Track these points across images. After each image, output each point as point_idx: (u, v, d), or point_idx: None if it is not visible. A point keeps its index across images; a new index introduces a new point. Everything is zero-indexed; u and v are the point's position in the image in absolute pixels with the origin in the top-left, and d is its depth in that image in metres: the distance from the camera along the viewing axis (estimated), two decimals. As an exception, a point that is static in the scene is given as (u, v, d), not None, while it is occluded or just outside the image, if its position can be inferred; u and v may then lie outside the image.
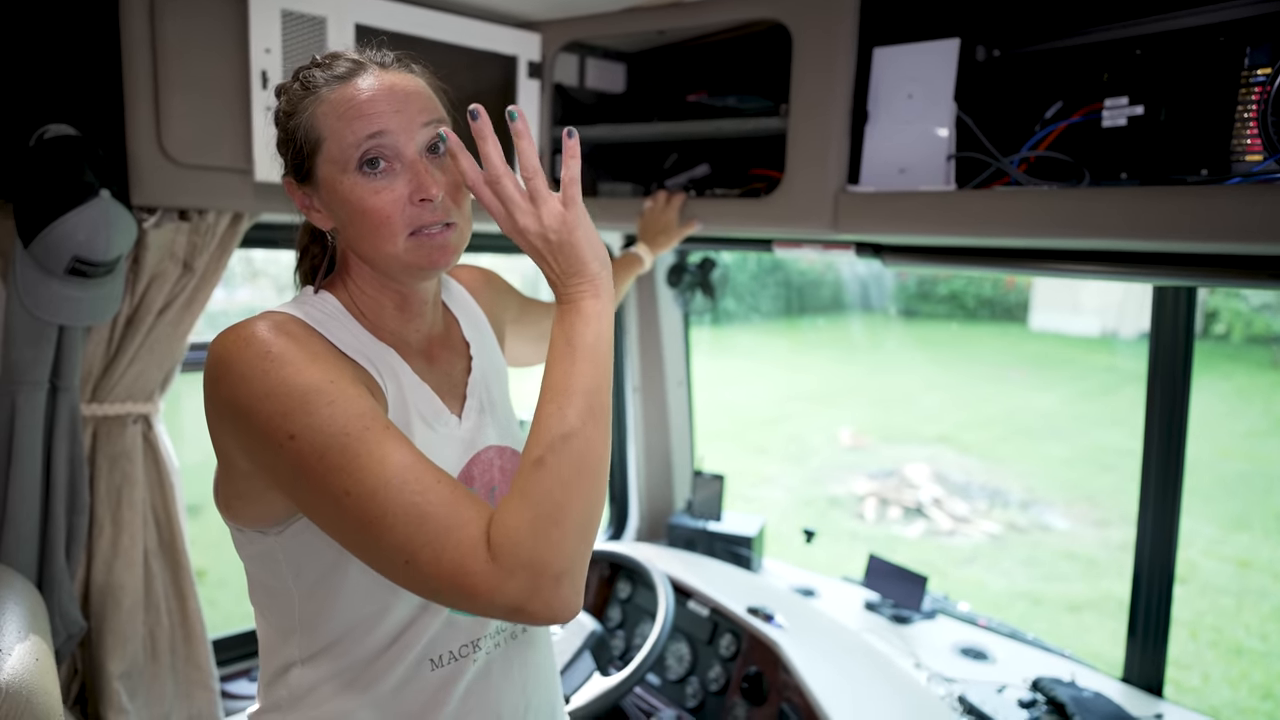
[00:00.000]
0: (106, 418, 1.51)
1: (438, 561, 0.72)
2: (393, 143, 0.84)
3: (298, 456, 0.75)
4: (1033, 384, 10.21)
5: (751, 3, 1.53)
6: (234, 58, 1.47)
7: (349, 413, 0.76)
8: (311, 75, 0.88)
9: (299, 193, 0.92)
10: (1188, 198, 1.08)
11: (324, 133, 0.85)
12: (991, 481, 7.21)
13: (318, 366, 0.78)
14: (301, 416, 0.75)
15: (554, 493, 0.74)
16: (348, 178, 0.85)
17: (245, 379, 0.77)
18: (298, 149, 0.88)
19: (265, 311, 0.87)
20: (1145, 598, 1.71)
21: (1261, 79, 1.10)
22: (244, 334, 0.80)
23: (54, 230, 1.26)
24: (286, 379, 0.76)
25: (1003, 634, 1.95)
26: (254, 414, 0.76)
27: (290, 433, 0.75)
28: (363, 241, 0.87)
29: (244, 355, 0.78)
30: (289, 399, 0.75)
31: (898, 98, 1.43)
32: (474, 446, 0.98)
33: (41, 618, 1.13)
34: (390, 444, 0.75)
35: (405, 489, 0.73)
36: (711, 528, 2.32)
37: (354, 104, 0.84)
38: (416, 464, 0.75)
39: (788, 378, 10.93)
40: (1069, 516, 6.54)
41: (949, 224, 1.32)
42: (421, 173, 0.85)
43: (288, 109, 0.89)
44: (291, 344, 0.79)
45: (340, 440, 0.74)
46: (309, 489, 0.76)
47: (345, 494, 0.74)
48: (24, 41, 1.31)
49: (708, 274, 2.26)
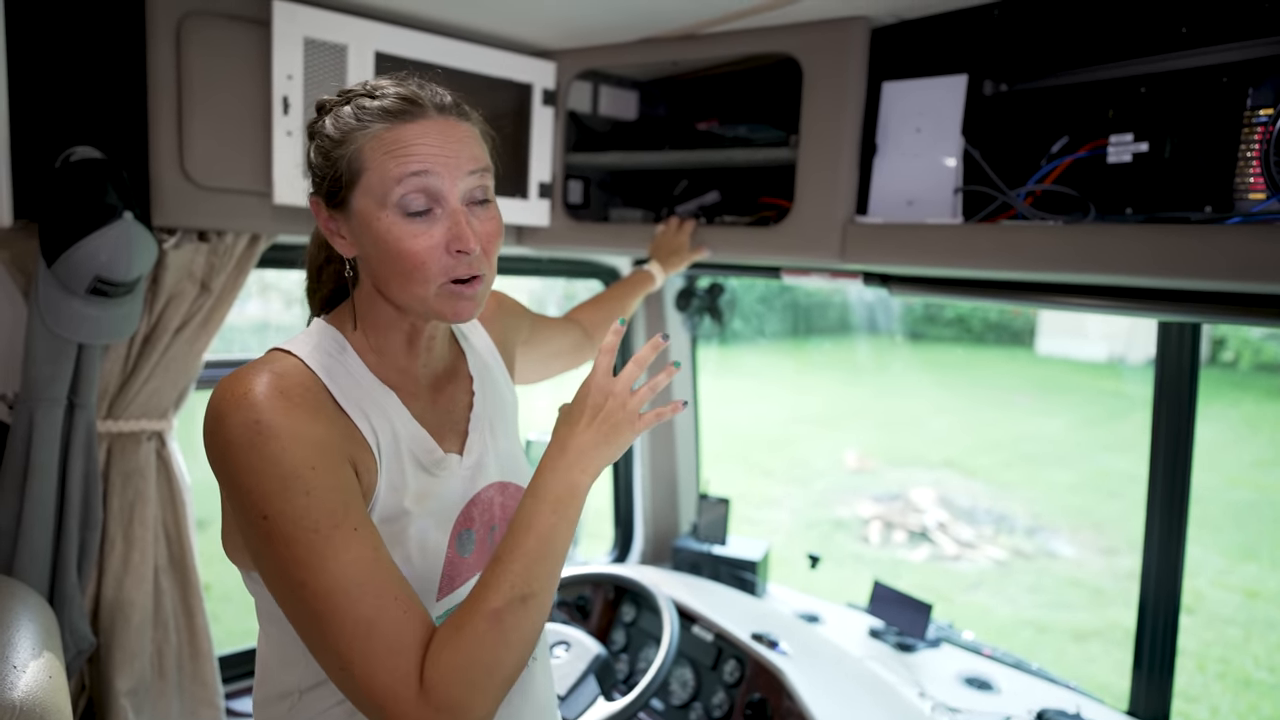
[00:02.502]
0: (121, 434, 1.53)
1: (370, 678, 0.74)
2: (437, 186, 0.84)
3: (267, 536, 0.76)
4: (1039, 409, 10.18)
5: (763, 37, 1.56)
6: (255, 83, 1.50)
7: (323, 507, 0.76)
8: (366, 105, 0.86)
9: (325, 216, 0.91)
10: (1191, 236, 1.09)
11: (368, 165, 0.85)
12: (997, 506, 7.17)
13: (303, 446, 0.78)
14: (277, 501, 0.76)
15: (499, 650, 0.77)
16: (386, 215, 0.84)
17: (232, 445, 0.77)
18: (336, 175, 0.87)
19: (270, 359, 0.86)
20: (1151, 628, 1.71)
21: (1264, 119, 1.11)
22: (239, 392, 0.79)
23: (77, 250, 1.28)
24: (269, 457, 0.76)
25: (1008, 664, 1.94)
26: (235, 482, 0.78)
27: (264, 513, 0.76)
28: (392, 281, 0.87)
29: (235, 419, 0.78)
30: (268, 479, 0.76)
31: (906, 131, 1.46)
32: (475, 485, 0.98)
33: (54, 634, 1.14)
34: (356, 548, 0.76)
35: (360, 600, 0.75)
36: (716, 551, 2.32)
37: (404, 143, 0.84)
38: (376, 575, 0.77)
39: (793, 399, 10.93)
40: (1075, 543, 6.50)
41: (956, 256, 1.33)
42: (461, 222, 0.85)
43: (335, 134, 0.87)
44: (282, 414, 0.78)
45: (308, 535, 0.75)
46: (271, 568, 0.78)
47: (301, 585, 0.75)
48: (52, 66, 1.35)
49: (716, 299, 2.28)
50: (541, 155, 1.84)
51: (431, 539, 0.91)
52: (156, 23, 1.41)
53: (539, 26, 1.67)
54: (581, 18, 1.59)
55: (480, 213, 0.88)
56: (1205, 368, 2.25)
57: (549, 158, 1.85)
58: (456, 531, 0.94)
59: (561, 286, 6.24)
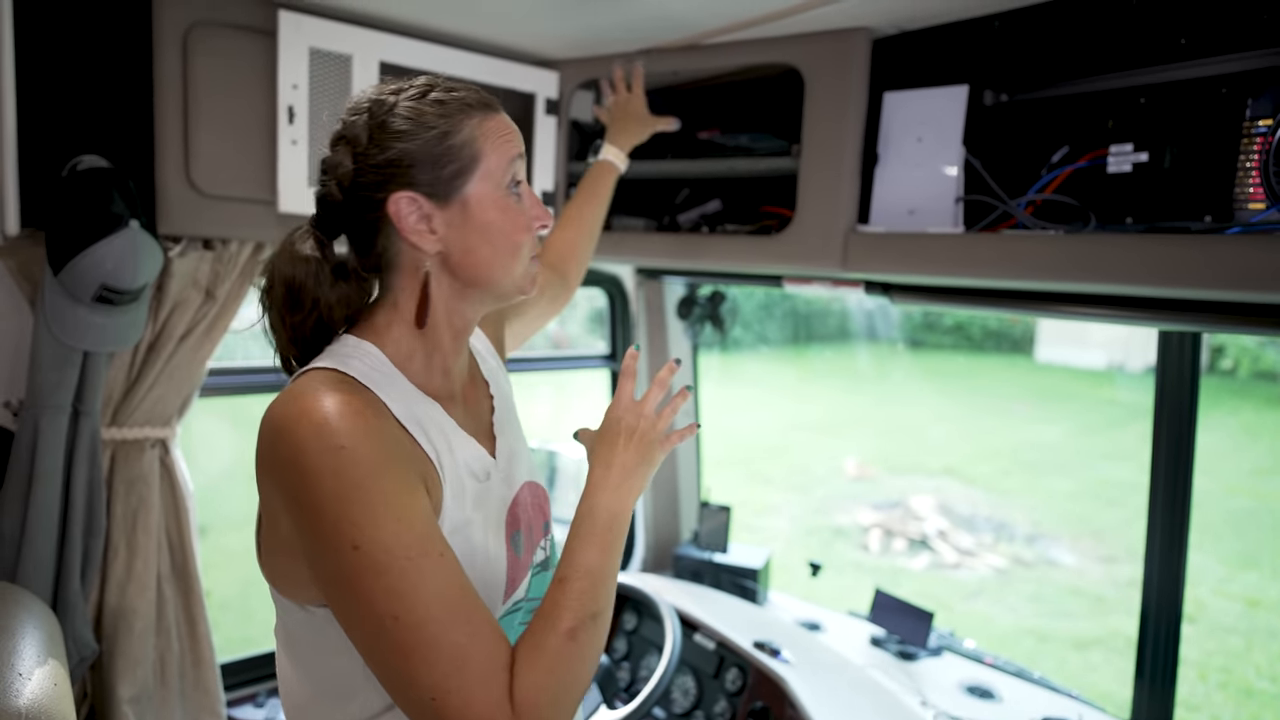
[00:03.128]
0: (125, 441, 1.53)
1: (465, 707, 0.72)
2: (521, 169, 0.92)
3: (356, 569, 0.73)
4: (1039, 417, 10.19)
5: (765, 47, 1.58)
6: (260, 93, 1.51)
7: (414, 532, 0.75)
8: (461, 97, 0.89)
9: (420, 211, 0.87)
10: (1191, 246, 1.10)
11: (484, 149, 0.88)
12: (997, 514, 7.17)
13: (389, 470, 0.77)
14: (369, 529, 0.73)
15: (577, 666, 0.79)
16: (501, 196, 0.89)
17: (316, 474, 0.74)
18: (451, 163, 0.86)
19: (322, 378, 0.82)
20: (1153, 637, 1.71)
21: (1263, 130, 1.12)
22: (315, 417, 0.76)
23: (84, 259, 1.29)
24: (359, 483, 0.74)
25: (1009, 672, 1.94)
26: (320, 512, 0.74)
27: (355, 543, 0.73)
28: (494, 262, 0.90)
29: (315, 445, 0.75)
30: (359, 507, 0.74)
31: (907, 141, 1.47)
32: (512, 487, 0.99)
33: (58, 641, 1.14)
34: (444, 573, 0.76)
35: (453, 628, 0.74)
36: (718, 559, 2.32)
37: (505, 129, 0.91)
38: (465, 598, 0.76)
39: (793, 407, 10.93)
40: (1075, 551, 6.49)
41: (957, 265, 1.34)
42: (538, 201, 0.93)
43: (438, 123, 0.86)
44: (361, 434, 0.76)
45: (401, 563, 0.73)
46: (355, 603, 0.75)
47: (394, 619, 0.73)
48: (60, 75, 1.36)
49: (717, 307, 2.29)
50: (544, 164, 1.85)
51: (493, 544, 0.92)
52: (163, 33, 1.42)
53: (542, 37, 1.68)
54: (584, 28, 1.60)
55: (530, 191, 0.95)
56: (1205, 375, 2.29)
57: (551, 167, 1.86)
58: (510, 533, 0.95)
59: (562, 294, 6.21)
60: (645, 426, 0.90)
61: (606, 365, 2.53)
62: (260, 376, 1.92)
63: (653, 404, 0.92)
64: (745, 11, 1.45)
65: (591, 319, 4.58)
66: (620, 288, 2.43)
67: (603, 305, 2.52)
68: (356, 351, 0.89)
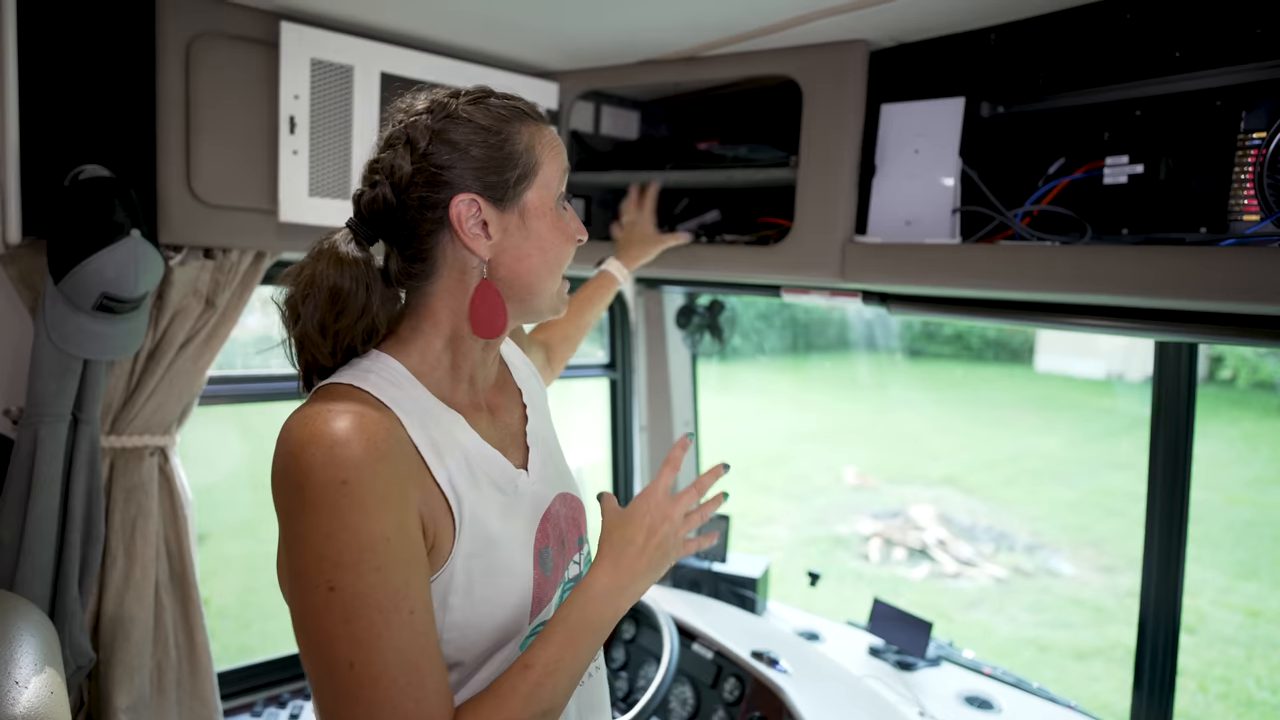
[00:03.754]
0: (124, 450, 1.53)
1: None
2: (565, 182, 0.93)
3: (325, 608, 0.73)
4: (1038, 426, 10.18)
5: (764, 59, 1.59)
6: (262, 103, 1.52)
7: (389, 585, 0.74)
8: (519, 106, 0.90)
9: (480, 213, 0.86)
10: (1186, 257, 1.11)
11: (542, 159, 0.89)
12: (997, 524, 7.16)
13: (385, 513, 0.75)
14: (350, 573, 0.73)
15: None
16: (553, 207, 0.90)
17: (313, 504, 0.74)
18: (516, 168, 0.87)
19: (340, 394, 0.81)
20: (1151, 647, 1.70)
21: (1257, 142, 1.13)
22: (325, 443, 0.74)
23: (85, 267, 1.29)
24: (350, 526, 0.73)
25: (1008, 683, 1.94)
26: (306, 543, 0.74)
27: (331, 584, 0.73)
28: (537, 273, 0.91)
29: (320, 475, 0.74)
30: (346, 549, 0.73)
31: (904, 152, 1.48)
32: (544, 501, 0.96)
33: (55, 649, 1.14)
34: (410, 632, 0.75)
35: (407, 690, 0.73)
36: (716, 568, 2.32)
37: (557, 139, 0.92)
38: (423, 661, 0.75)
39: (793, 416, 10.93)
40: (1075, 561, 6.48)
41: (954, 276, 1.35)
42: (577, 216, 0.94)
43: (500, 128, 0.87)
44: (369, 472, 0.75)
45: (371, 614, 0.73)
46: (318, 641, 0.74)
47: (350, 666, 0.72)
48: (63, 85, 1.37)
49: (716, 316, 2.29)
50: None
51: (519, 562, 0.89)
52: (166, 44, 1.43)
53: (542, 49, 1.70)
54: (584, 40, 1.62)
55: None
56: (1203, 385, 2.26)
57: (551, 176, 1.87)
58: (538, 550, 0.93)
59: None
60: (669, 531, 0.89)
61: (606, 374, 2.54)
62: (259, 385, 1.93)
63: (684, 508, 0.91)
64: (744, 24, 1.46)
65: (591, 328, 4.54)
66: (620, 297, 2.44)
67: (602, 314, 2.52)
68: (375, 365, 0.87)
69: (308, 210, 1.56)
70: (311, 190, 1.56)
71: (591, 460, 2.84)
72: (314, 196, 1.56)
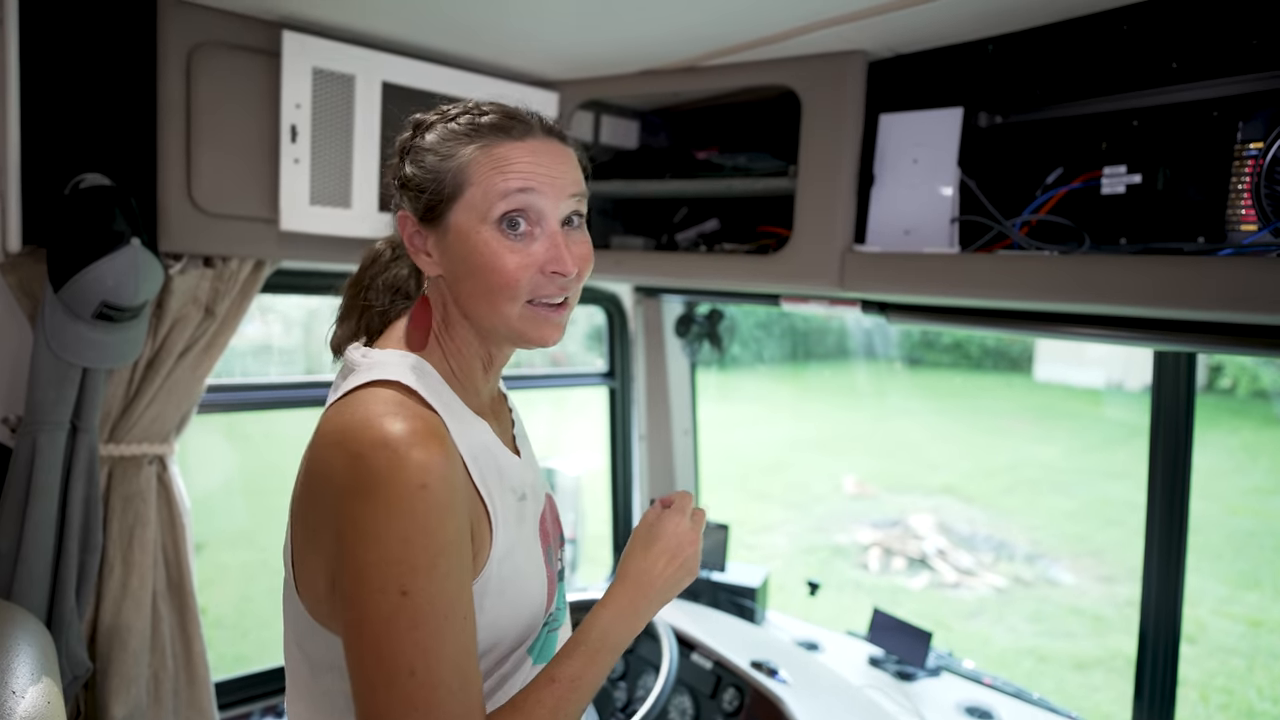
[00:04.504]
0: (123, 458, 1.53)
1: None
2: (540, 205, 0.83)
3: (394, 613, 0.71)
4: (1037, 435, 10.17)
5: (763, 70, 1.59)
6: (263, 112, 1.53)
7: (454, 591, 0.74)
8: (474, 121, 0.85)
9: (413, 231, 0.88)
10: (1184, 266, 1.11)
11: (473, 179, 0.83)
12: (997, 533, 7.14)
13: (454, 516, 0.75)
14: (423, 578, 0.72)
15: None
16: (485, 229, 0.82)
17: (388, 508, 0.71)
18: (438, 189, 0.84)
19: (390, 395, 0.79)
20: (1152, 658, 1.70)
21: (1254, 152, 1.14)
22: (395, 447, 0.73)
23: (84, 276, 1.30)
24: (429, 528, 0.72)
25: (1008, 693, 1.93)
26: (378, 546, 0.72)
27: (405, 589, 0.71)
28: (478, 298, 0.84)
29: (397, 478, 0.72)
30: (423, 553, 0.72)
31: (903, 162, 1.48)
32: (540, 501, 0.98)
33: (52, 659, 1.13)
34: (465, 638, 0.75)
35: (460, 697, 0.73)
36: (715, 578, 2.31)
37: (511, 159, 0.82)
38: (471, 668, 0.76)
39: (792, 424, 10.92)
40: (1075, 571, 6.46)
41: (952, 285, 1.35)
42: (560, 244, 0.84)
43: (439, 148, 0.85)
44: (440, 474, 0.74)
45: (439, 621, 0.72)
46: (379, 647, 0.72)
47: (411, 674, 0.71)
48: (64, 94, 1.37)
49: (715, 325, 2.29)
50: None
51: (535, 561, 0.92)
52: (167, 53, 1.44)
53: (542, 59, 1.70)
54: (583, 50, 1.62)
55: (576, 236, 0.87)
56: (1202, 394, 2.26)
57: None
58: (544, 550, 0.95)
59: (561, 311, 6.24)
60: (691, 555, 0.94)
61: (605, 383, 2.54)
62: (258, 393, 1.93)
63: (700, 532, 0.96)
64: (743, 35, 1.47)
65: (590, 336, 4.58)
66: (619, 306, 2.44)
67: (601, 323, 2.53)
68: (408, 363, 0.86)
69: (308, 218, 1.56)
70: (312, 199, 1.56)
71: (590, 469, 2.83)
72: (315, 205, 1.57)
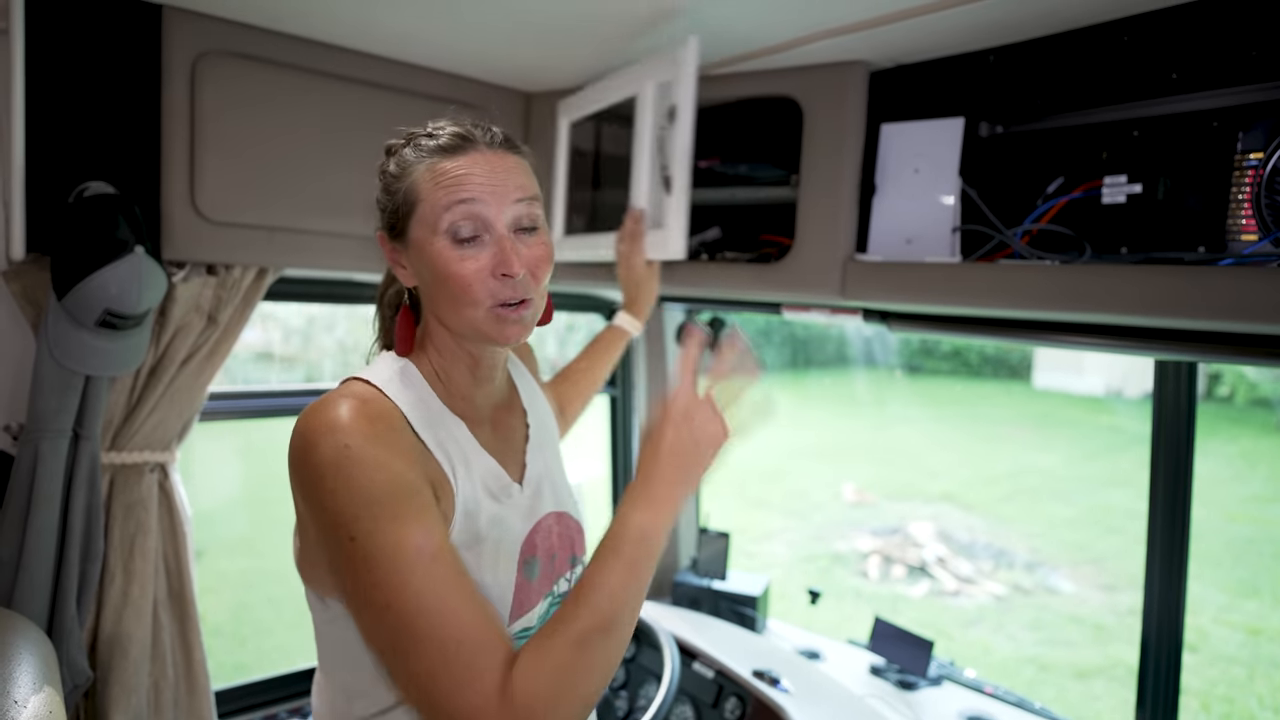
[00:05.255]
0: (124, 466, 1.53)
1: (452, 698, 0.75)
2: (483, 213, 0.89)
3: (352, 558, 0.78)
4: (1037, 443, 10.18)
5: (765, 80, 1.60)
6: (266, 121, 1.53)
7: (406, 531, 0.78)
8: (422, 143, 0.93)
9: (389, 248, 0.97)
10: (1185, 276, 1.11)
11: (422, 196, 0.90)
12: (996, 541, 7.14)
13: (388, 471, 0.81)
14: (365, 523, 0.78)
15: (583, 677, 0.79)
16: (437, 241, 0.89)
17: (321, 469, 0.80)
18: (396, 207, 0.93)
19: (352, 384, 0.89)
20: (1154, 666, 1.70)
21: (1254, 163, 1.14)
22: (329, 419, 0.82)
23: (88, 284, 1.30)
24: (357, 481, 0.79)
25: (1010, 702, 1.92)
26: (324, 506, 0.80)
27: (351, 534, 0.78)
28: (443, 304, 0.92)
29: (325, 444, 0.80)
30: (355, 503, 0.79)
31: (904, 171, 1.49)
32: (535, 515, 1.01)
33: (53, 668, 1.13)
34: (439, 570, 0.78)
35: (444, 623, 0.76)
36: (716, 586, 2.31)
37: (453, 174, 0.90)
38: (459, 596, 0.78)
39: (791, 431, 10.91)
40: (1075, 579, 6.46)
41: (954, 295, 1.35)
42: (507, 248, 0.89)
43: (395, 170, 0.93)
44: (370, 439, 0.81)
45: (391, 558, 0.77)
46: (355, 590, 0.79)
47: (386, 608, 0.77)
48: (69, 103, 1.38)
49: (717, 333, 2.29)
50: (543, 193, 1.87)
51: (502, 565, 0.94)
52: (172, 62, 1.44)
53: (545, 70, 1.71)
54: (585, 61, 1.63)
55: (528, 239, 0.93)
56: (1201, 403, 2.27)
57: (562, 190, 1.88)
58: (523, 558, 0.97)
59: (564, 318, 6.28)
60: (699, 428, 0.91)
61: (606, 390, 2.54)
62: (261, 401, 1.93)
63: (713, 399, 0.94)
64: (745, 45, 1.47)
65: (590, 344, 4.53)
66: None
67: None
68: (391, 366, 0.95)
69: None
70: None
71: (591, 476, 2.83)
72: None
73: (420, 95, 1.72)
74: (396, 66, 1.68)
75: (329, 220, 1.63)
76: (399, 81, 1.69)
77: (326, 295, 1.93)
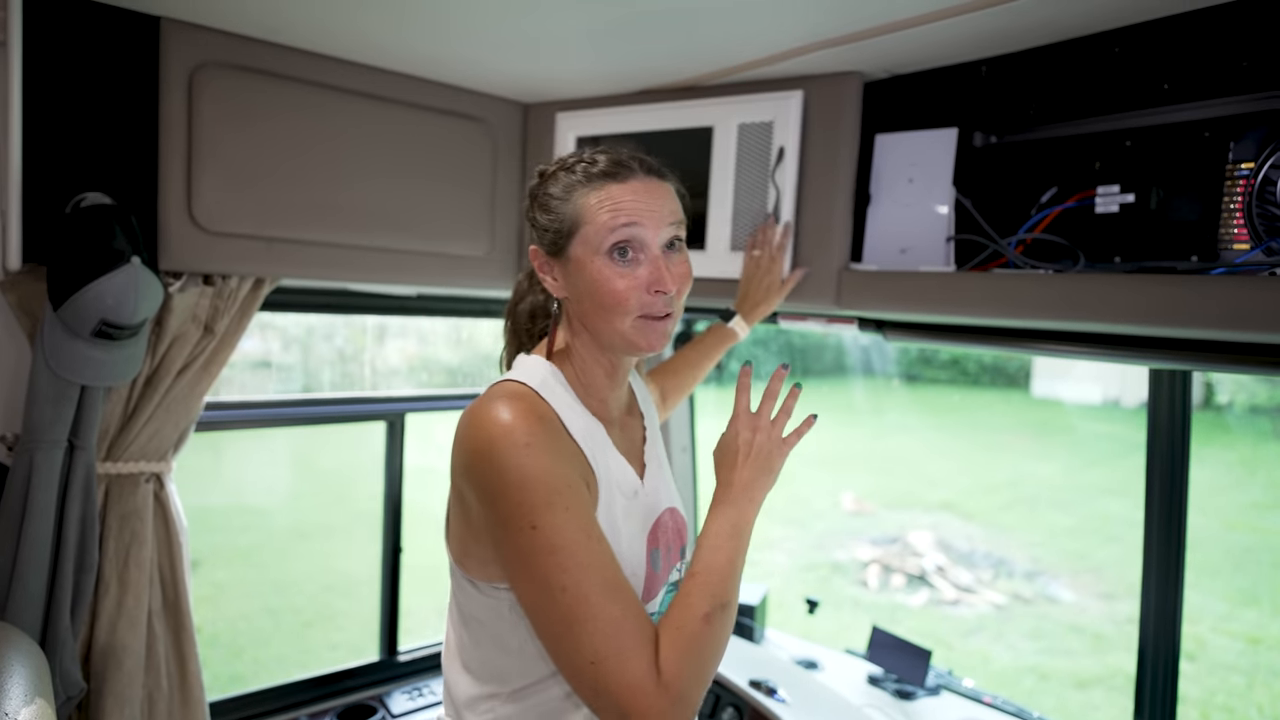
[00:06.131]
0: (119, 476, 1.53)
1: (620, 672, 0.85)
2: (641, 236, 0.99)
3: (532, 545, 0.88)
4: (1036, 451, 10.17)
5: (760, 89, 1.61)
6: (263, 132, 1.54)
7: (582, 519, 0.90)
8: (587, 169, 1.01)
9: (543, 262, 1.05)
10: (1178, 285, 1.12)
11: (585, 218, 0.99)
12: (996, 550, 7.12)
13: (561, 466, 0.91)
14: (545, 512, 0.88)
15: (713, 647, 0.91)
16: (598, 259, 0.99)
17: (504, 467, 0.89)
18: (559, 228, 1.01)
19: (511, 389, 0.98)
20: (1151, 675, 1.69)
21: (1245, 172, 1.15)
22: (504, 420, 0.92)
23: (85, 294, 1.30)
24: (538, 475, 0.89)
25: (1009, 712, 1.92)
26: (506, 498, 0.89)
27: (533, 523, 0.88)
28: (596, 315, 1.01)
29: (504, 442, 0.90)
30: (538, 493, 0.89)
31: (899, 181, 1.49)
32: (656, 510, 1.11)
33: (46, 680, 1.13)
34: (603, 555, 0.90)
35: (613, 602, 0.87)
36: (714, 595, 2.30)
37: (616, 199, 0.99)
38: (619, 579, 0.89)
39: (790, 440, 10.88)
40: (1074, 588, 6.44)
41: (948, 304, 1.36)
42: (661, 267, 0.99)
43: (559, 194, 1.02)
44: (543, 438, 0.92)
45: (572, 544, 0.88)
46: (530, 575, 0.89)
47: (562, 590, 0.86)
48: (66, 114, 1.38)
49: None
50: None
51: (635, 553, 1.04)
52: (169, 73, 1.45)
53: (545, 81, 1.72)
54: (583, 71, 1.64)
55: (675, 257, 1.02)
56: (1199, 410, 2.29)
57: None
58: (649, 550, 1.07)
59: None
60: (761, 440, 1.03)
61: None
62: (257, 411, 1.93)
63: (766, 416, 1.04)
64: (740, 56, 1.48)
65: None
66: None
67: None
68: (539, 369, 1.05)
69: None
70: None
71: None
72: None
73: (417, 106, 1.73)
74: (393, 78, 1.69)
75: (326, 231, 1.64)
76: (396, 93, 1.70)
77: (324, 305, 1.93)
